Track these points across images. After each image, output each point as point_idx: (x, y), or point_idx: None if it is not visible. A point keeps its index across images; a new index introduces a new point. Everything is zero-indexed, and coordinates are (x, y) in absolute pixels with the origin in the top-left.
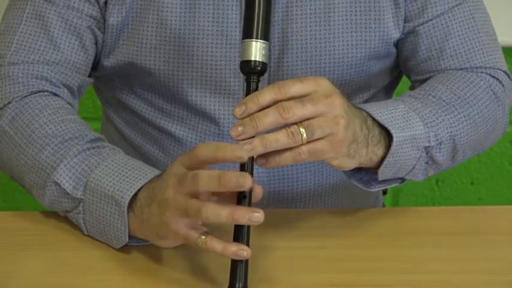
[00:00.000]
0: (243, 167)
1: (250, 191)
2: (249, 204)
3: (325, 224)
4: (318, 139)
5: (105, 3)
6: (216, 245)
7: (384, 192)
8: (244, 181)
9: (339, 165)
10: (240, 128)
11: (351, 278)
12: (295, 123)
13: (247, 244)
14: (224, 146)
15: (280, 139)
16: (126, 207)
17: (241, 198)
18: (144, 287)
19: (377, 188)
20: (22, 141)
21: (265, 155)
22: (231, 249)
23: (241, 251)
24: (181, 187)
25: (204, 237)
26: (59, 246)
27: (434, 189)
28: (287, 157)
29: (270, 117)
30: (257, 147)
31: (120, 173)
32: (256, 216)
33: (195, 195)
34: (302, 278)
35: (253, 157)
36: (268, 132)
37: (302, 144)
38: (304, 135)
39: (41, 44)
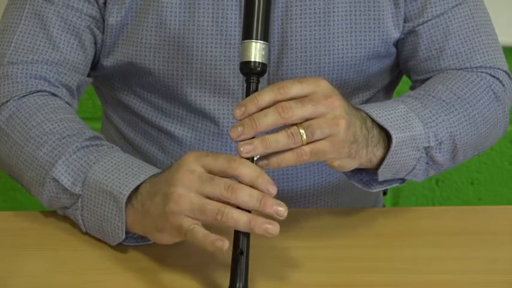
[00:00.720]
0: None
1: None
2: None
3: (325, 224)
4: (319, 140)
5: (105, 3)
6: (199, 233)
7: (384, 192)
8: (282, 211)
9: (340, 165)
10: (239, 129)
11: (351, 278)
12: (295, 124)
13: (248, 244)
14: (262, 176)
15: (280, 140)
16: (124, 203)
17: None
18: (144, 287)
19: (377, 189)
20: (20, 139)
21: (267, 157)
22: (210, 238)
23: (219, 241)
24: (204, 187)
25: (192, 226)
26: (59, 246)
27: (434, 189)
28: (288, 158)
29: (270, 118)
30: (257, 148)
31: (119, 170)
32: (272, 228)
33: (210, 198)
34: (302, 277)
35: (253, 158)
36: (268, 133)
37: (303, 145)
38: (304, 136)
39: (40, 44)
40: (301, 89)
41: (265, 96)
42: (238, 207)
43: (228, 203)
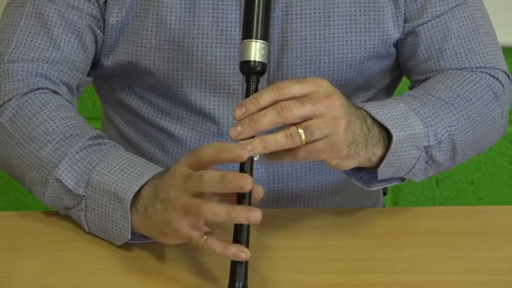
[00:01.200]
0: (242, 167)
1: (250, 192)
2: (249, 204)
3: (325, 224)
4: (317, 140)
5: (105, 2)
6: (216, 245)
7: (384, 192)
8: (245, 183)
9: (338, 165)
10: (239, 128)
11: (351, 278)
12: (294, 124)
13: (247, 244)
14: (226, 146)
15: (279, 140)
16: (129, 204)
17: (241, 198)
18: (145, 287)
19: (377, 187)
20: (23, 139)
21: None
22: (231, 250)
23: (241, 253)
24: (185, 187)
25: (205, 237)
26: (59, 246)
27: (434, 189)
28: (286, 156)
29: (269, 117)
30: (257, 147)
31: (123, 170)
32: (254, 214)
33: (199, 196)
34: (302, 278)
35: (252, 157)
36: (268, 132)
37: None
38: (303, 136)
39: (41, 42)
40: (301, 88)
41: (266, 96)
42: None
43: (220, 194)
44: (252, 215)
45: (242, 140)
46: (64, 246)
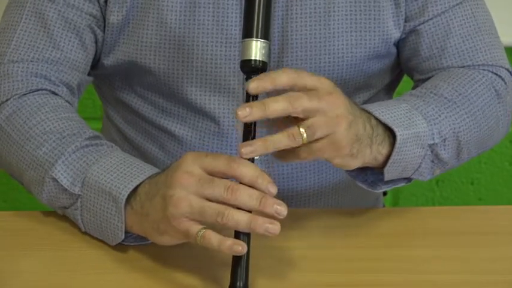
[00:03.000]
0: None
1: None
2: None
3: (325, 224)
4: (319, 138)
5: (106, 2)
6: (213, 240)
7: (384, 193)
8: (282, 210)
9: (341, 164)
10: (247, 109)
11: (351, 278)
12: (296, 125)
13: (248, 243)
14: (263, 176)
15: (281, 141)
16: (123, 204)
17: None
18: (144, 287)
19: (383, 189)
20: (20, 138)
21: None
22: (227, 243)
23: (237, 246)
24: (204, 189)
25: (202, 231)
26: (59, 246)
27: (434, 189)
28: (288, 155)
29: (280, 104)
30: (258, 149)
31: (118, 170)
32: (273, 228)
33: (210, 199)
34: (302, 277)
35: (253, 158)
36: (268, 132)
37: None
38: (305, 135)
39: (41, 42)
40: (311, 81)
41: (283, 77)
42: (238, 208)
43: (228, 204)
44: (271, 228)
45: (248, 122)
46: (64, 246)
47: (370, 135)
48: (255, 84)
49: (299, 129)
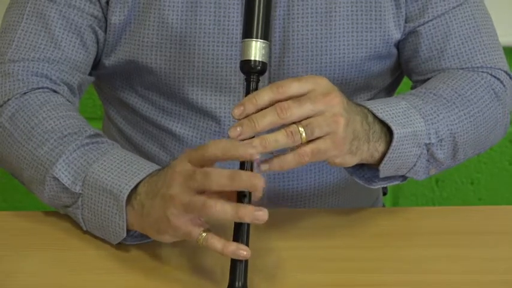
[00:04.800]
0: (242, 167)
1: (250, 192)
2: (249, 203)
3: (325, 224)
4: (319, 138)
5: (107, 2)
6: (216, 243)
7: (384, 192)
8: (258, 182)
9: (341, 162)
10: (238, 129)
11: (351, 278)
12: (294, 123)
13: (247, 243)
14: (235, 145)
15: (279, 139)
16: (124, 202)
17: (241, 197)
18: (144, 287)
19: (378, 185)
20: (21, 137)
21: (268, 160)
22: (230, 248)
23: (241, 251)
24: (189, 184)
25: (205, 234)
26: (59, 246)
27: (434, 189)
28: (290, 161)
29: (268, 118)
30: (257, 147)
31: (119, 168)
32: (261, 214)
33: (201, 193)
34: (302, 277)
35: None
36: (268, 132)
37: (304, 146)
38: (303, 134)
39: (42, 42)
40: (300, 87)
41: (264, 95)
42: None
43: (210, 192)
44: (258, 215)
45: (242, 140)
46: (64, 246)
47: (367, 132)
48: (238, 111)
49: (298, 127)
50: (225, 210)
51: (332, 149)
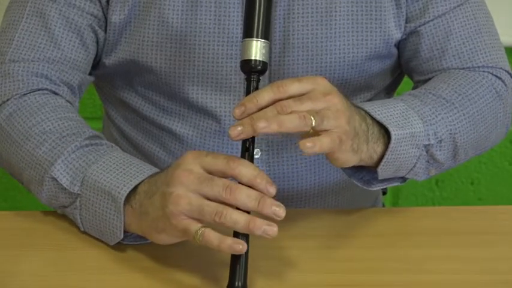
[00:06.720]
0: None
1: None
2: (252, 156)
3: (325, 224)
4: (325, 131)
5: (107, 1)
6: (212, 238)
7: (384, 192)
8: (280, 212)
9: (342, 160)
10: (239, 128)
11: (351, 278)
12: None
13: (247, 242)
14: (261, 175)
15: (292, 120)
16: (122, 203)
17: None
18: (144, 287)
19: (377, 187)
20: (19, 138)
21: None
22: (227, 242)
23: (237, 245)
24: (202, 188)
25: (202, 229)
26: (59, 246)
27: (434, 189)
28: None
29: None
30: (272, 124)
31: (118, 169)
32: (271, 230)
33: (209, 198)
34: (302, 277)
35: (252, 155)
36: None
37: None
38: (313, 121)
39: (42, 42)
40: (300, 87)
41: (265, 95)
42: (237, 208)
43: (227, 204)
44: (269, 230)
45: (242, 139)
46: (64, 246)
47: (365, 132)
48: (239, 111)
49: (309, 115)
50: (238, 221)
51: (338, 142)
